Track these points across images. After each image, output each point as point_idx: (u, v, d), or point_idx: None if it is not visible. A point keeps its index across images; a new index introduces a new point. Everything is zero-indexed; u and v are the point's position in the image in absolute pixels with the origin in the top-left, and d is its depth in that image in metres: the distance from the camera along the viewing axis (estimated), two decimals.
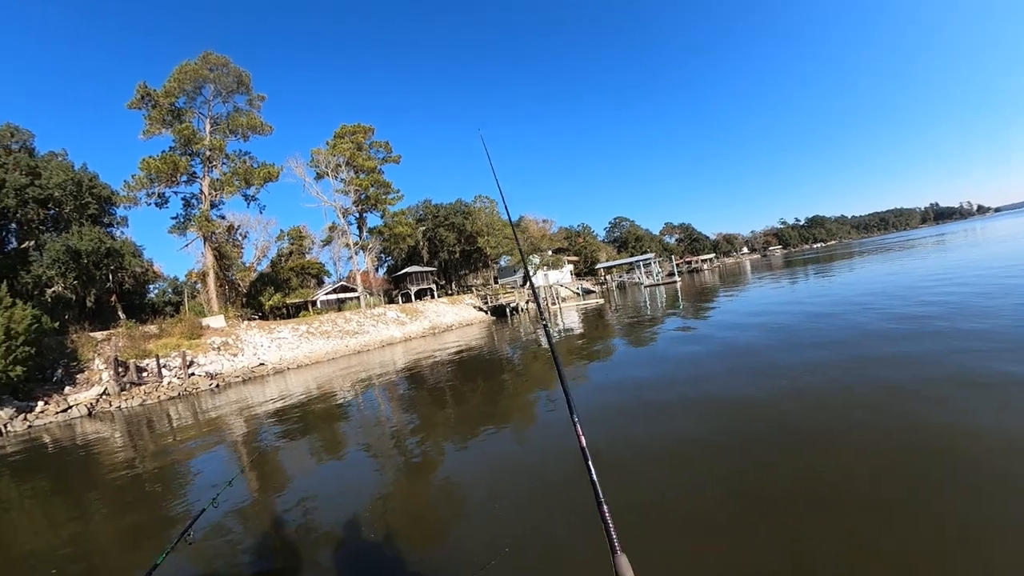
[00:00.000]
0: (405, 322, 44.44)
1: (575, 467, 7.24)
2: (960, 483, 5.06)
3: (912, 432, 6.32)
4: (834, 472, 5.74)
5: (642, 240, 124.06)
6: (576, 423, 2.15)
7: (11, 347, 20.95)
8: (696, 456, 6.85)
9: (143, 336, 29.31)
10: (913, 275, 23.85)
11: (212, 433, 15.09)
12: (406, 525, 6.40)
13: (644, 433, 8.15)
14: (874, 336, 11.87)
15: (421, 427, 11.73)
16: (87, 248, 30.98)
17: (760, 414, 7.96)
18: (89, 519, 8.64)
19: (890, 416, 6.92)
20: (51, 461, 14.34)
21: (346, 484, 8.38)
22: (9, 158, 32.23)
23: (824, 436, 6.73)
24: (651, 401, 9.95)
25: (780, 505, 5.22)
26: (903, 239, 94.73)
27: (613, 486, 6.13)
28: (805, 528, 4.74)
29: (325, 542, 6.18)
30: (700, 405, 9.12)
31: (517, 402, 12.73)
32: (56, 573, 6.42)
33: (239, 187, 42.94)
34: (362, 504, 7.19)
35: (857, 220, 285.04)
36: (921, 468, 5.50)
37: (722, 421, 8.00)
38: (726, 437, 7.31)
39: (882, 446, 6.13)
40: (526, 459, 8.16)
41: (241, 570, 5.91)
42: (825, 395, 8.32)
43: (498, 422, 10.73)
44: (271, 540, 6.54)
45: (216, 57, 41.94)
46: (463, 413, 12.46)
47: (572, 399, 2.28)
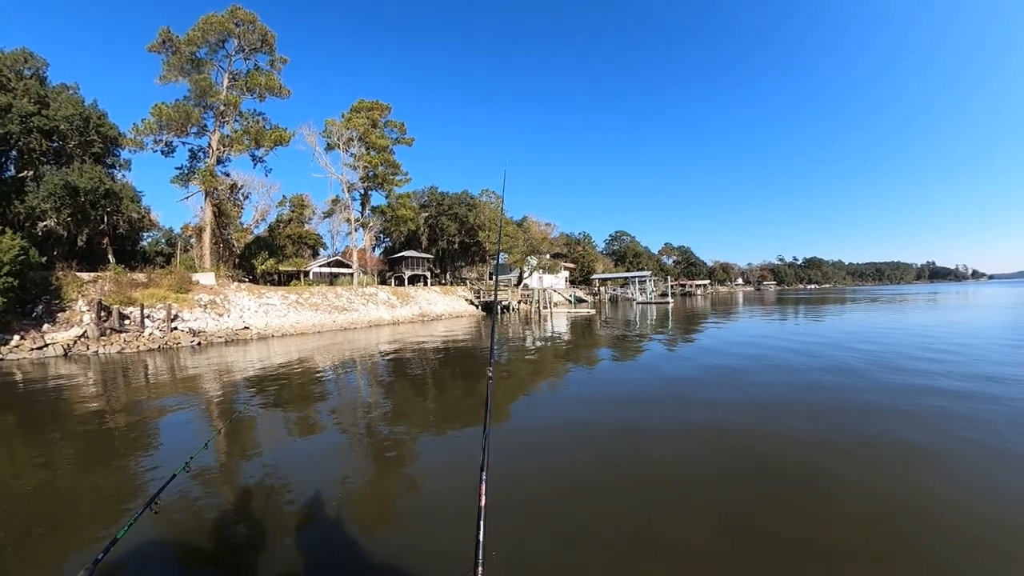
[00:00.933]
0: (395, 305, 44.15)
1: (548, 472, 7.28)
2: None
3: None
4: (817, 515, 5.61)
5: (640, 257, 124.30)
6: (483, 480, 2.14)
7: None
8: (680, 484, 6.70)
9: (130, 283, 28.84)
10: (901, 331, 23.84)
11: (188, 391, 14.73)
12: (369, 510, 6.39)
13: (624, 455, 7.96)
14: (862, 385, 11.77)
15: (398, 414, 11.49)
16: (86, 186, 30.44)
17: (750, 447, 7.81)
18: (50, 465, 8.34)
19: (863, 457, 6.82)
20: (20, 398, 14.00)
21: (316, 460, 8.26)
22: (19, 83, 31.55)
23: (808, 478, 6.60)
24: (630, 421, 9.73)
25: (767, 544, 5.09)
26: (897, 292, 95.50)
27: (594, 511, 6.03)
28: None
29: (292, 516, 6.09)
30: (683, 430, 9.02)
31: (497, 400, 12.51)
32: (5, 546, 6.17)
33: (248, 146, 42.43)
34: (330, 482, 7.11)
35: (854, 267, 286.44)
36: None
37: (708, 450, 7.87)
38: (712, 467, 7.17)
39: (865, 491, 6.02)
40: (503, 462, 7.95)
41: (204, 540, 5.72)
42: (810, 436, 8.20)
43: (476, 419, 10.50)
44: (236, 512, 6.35)
45: (244, 12, 41.42)
46: (442, 406, 12.27)
47: (488, 451, 2.26)
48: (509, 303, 52.62)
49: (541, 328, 33.57)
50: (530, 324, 37.53)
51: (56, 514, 6.62)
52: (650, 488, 6.62)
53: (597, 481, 6.94)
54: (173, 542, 5.71)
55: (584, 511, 6.08)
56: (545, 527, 5.76)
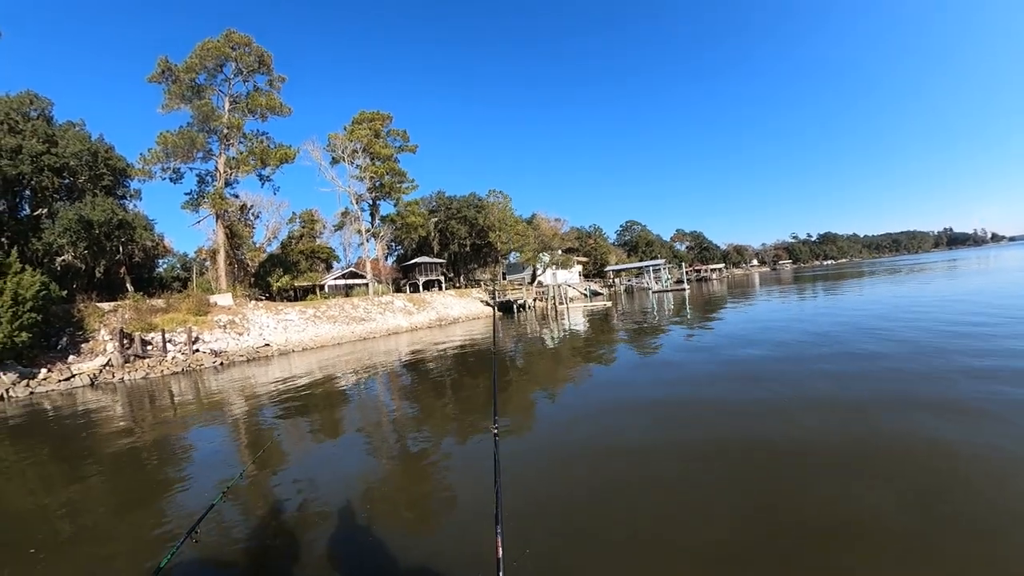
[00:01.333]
0: (412, 312, 44.28)
1: (572, 473, 7.18)
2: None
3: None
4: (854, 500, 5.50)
5: (652, 245, 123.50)
6: (499, 534, 2.13)
7: (18, 312, 20.90)
8: (704, 479, 6.55)
9: (150, 310, 29.24)
10: (925, 301, 23.47)
11: (214, 413, 14.91)
12: (406, 521, 6.39)
13: (649, 447, 7.89)
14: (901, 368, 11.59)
15: (421, 419, 11.61)
16: (99, 218, 30.89)
17: (775, 440, 7.63)
18: (88, 500, 8.42)
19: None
20: (52, 430, 14.15)
21: (348, 475, 8.26)
22: (27, 125, 32.17)
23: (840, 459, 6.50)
24: (652, 413, 9.65)
25: (800, 535, 4.98)
26: (915, 262, 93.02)
27: (620, 511, 5.95)
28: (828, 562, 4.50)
29: (327, 534, 6.12)
30: (707, 424, 8.76)
31: (519, 401, 12.50)
32: (34, 552, 6.30)
33: (255, 167, 42.82)
34: (363, 496, 7.15)
35: (869, 239, 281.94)
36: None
37: (734, 445, 7.63)
38: (738, 460, 7.00)
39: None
40: (524, 459, 7.98)
41: (247, 567, 5.79)
42: (839, 423, 8.04)
43: (502, 423, 10.51)
44: (275, 533, 6.41)
45: (239, 36, 41.78)
46: (464, 409, 12.26)
47: (501, 507, 2.25)
48: (524, 301, 52.48)
49: (558, 324, 33.43)
50: (547, 321, 37.46)
51: (100, 547, 6.67)
52: (677, 485, 6.45)
53: (622, 480, 6.84)
54: (214, 568, 5.78)
55: (611, 511, 6.00)
56: (571, 528, 5.73)
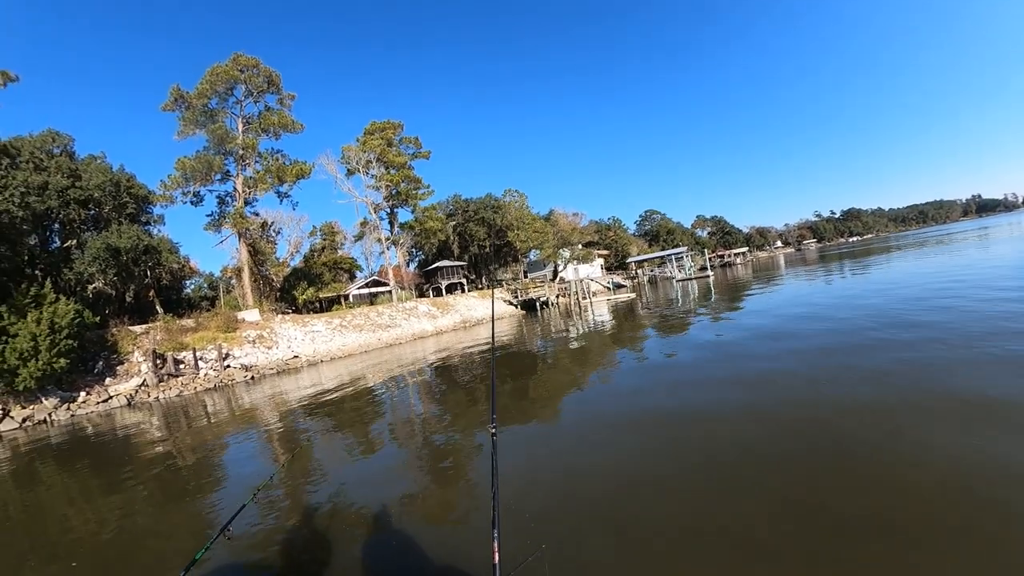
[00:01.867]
0: (436, 316, 44.49)
1: (604, 471, 7.08)
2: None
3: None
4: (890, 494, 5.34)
5: (673, 233, 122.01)
6: (496, 537, 2.11)
7: (55, 340, 21.52)
8: (741, 472, 6.34)
9: (180, 330, 29.84)
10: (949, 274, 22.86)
11: (248, 425, 15.24)
12: (437, 521, 6.41)
13: (680, 441, 7.75)
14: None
15: (450, 421, 11.68)
16: (126, 245, 31.63)
17: (812, 425, 7.36)
18: (129, 508, 8.73)
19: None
20: (93, 449, 14.59)
21: (377, 477, 8.40)
22: (51, 162, 33.12)
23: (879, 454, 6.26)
24: (683, 407, 9.45)
25: (838, 529, 4.78)
26: (943, 233, 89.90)
27: (652, 503, 5.89)
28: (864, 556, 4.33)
29: (356, 535, 6.25)
30: (739, 414, 8.44)
31: (547, 399, 12.51)
32: (76, 566, 6.53)
33: (272, 184, 43.45)
34: (392, 498, 7.22)
35: (894, 213, 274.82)
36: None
37: (769, 433, 7.39)
38: (773, 450, 6.77)
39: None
40: (555, 458, 7.98)
41: (277, 563, 5.96)
42: (884, 410, 7.74)
43: (527, 419, 10.57)
44: (305, 533, 6.58)
45: (246, 58, 42.47)
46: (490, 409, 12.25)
47: (498, 509, 2.23)
48: (547, 298, 52.35)
49: (582, 319, 33.27)
50: (571, 316, 37.23)
51: (138, 546, 7.02)
52: (709, 475, 6.34)
53: (652, 472, 6.80)
54: (246, 564, 5.96)
55: (641, 502, 5.96)
56: (598, 519, 5.72)
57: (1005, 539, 4.16)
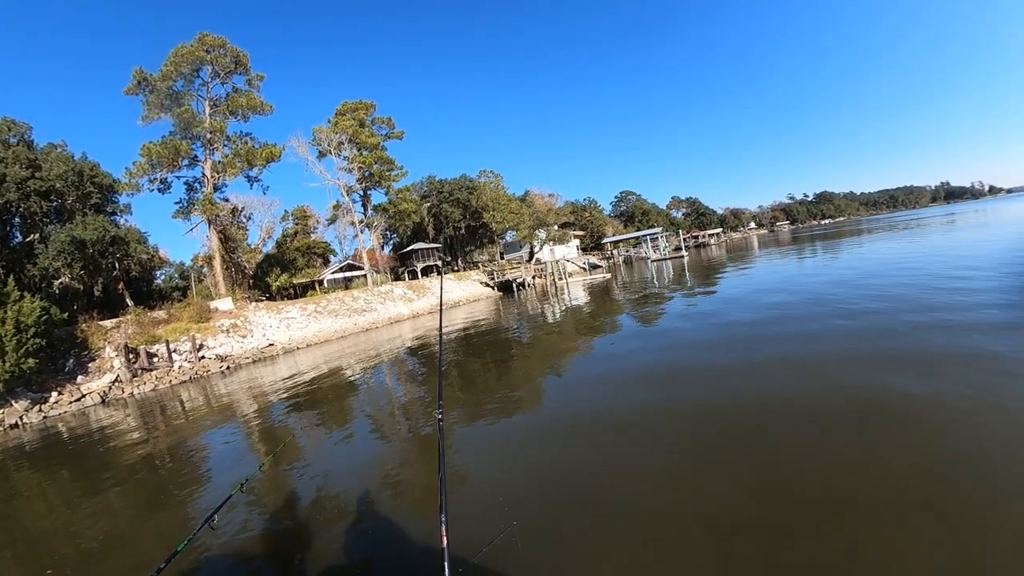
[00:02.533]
0: (412, 299, 44.40)
1: (579, 454, 7.30)
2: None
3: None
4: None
5: (649, 214, 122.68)
6: (443, 522, 2.14)
7: (22, 340, 20.94)
8: (716, 449, 6.60)
9: (152, 322, 29.33)
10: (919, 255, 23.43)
11: (226, 416, 15.19)
12: (416, 501, 6.61)
13: (655, 424, 7.88)
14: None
15: (429, 404, 11.77)
16: (92, 237, 30.76)
17: (777, 406, 7.65)
18: (109, 507, 8.73)
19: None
20: (69, 451, 14.33)
21: (358, 464, 8.50)
22: (8, 152, 31.87)
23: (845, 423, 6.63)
24: (656, 391, 9.63)
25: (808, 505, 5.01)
26: (912, 218, 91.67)
27: (628, 485, 6.06)
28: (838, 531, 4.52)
29: (339, 522, 6.36)
30: (711, 397, 8.67)
31: (524, 380, 12.69)
32: (52, 574, 6.52)
33: (241, 168, 42.48)
34: (374, 482, 7.39)
35: (866, 197, 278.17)
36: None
37: (737, 413, 7.66)
38: (741, 430, 7.02)
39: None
40: (529, 443, 8.13)
41: (261, 553, 6.07)
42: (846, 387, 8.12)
43: (505, 401, 10.72)
44: (290, 523, 6.70)
45: (212, 38, 41.16)
46: (471, 390, 12.43)
47: (445, 496, 2.25)
48: (524, 279, 52.53)
49: (559, 300, 33.52)
50: (547, 297, 37.49)
51: (120, 546, 7.06)
52: (681, 457, 6.50)
53: (626, 453, 6.96)
54: (233, 555, 6.05)
55: (614, 482, 6.13)
56: (572, 498, 5.89)
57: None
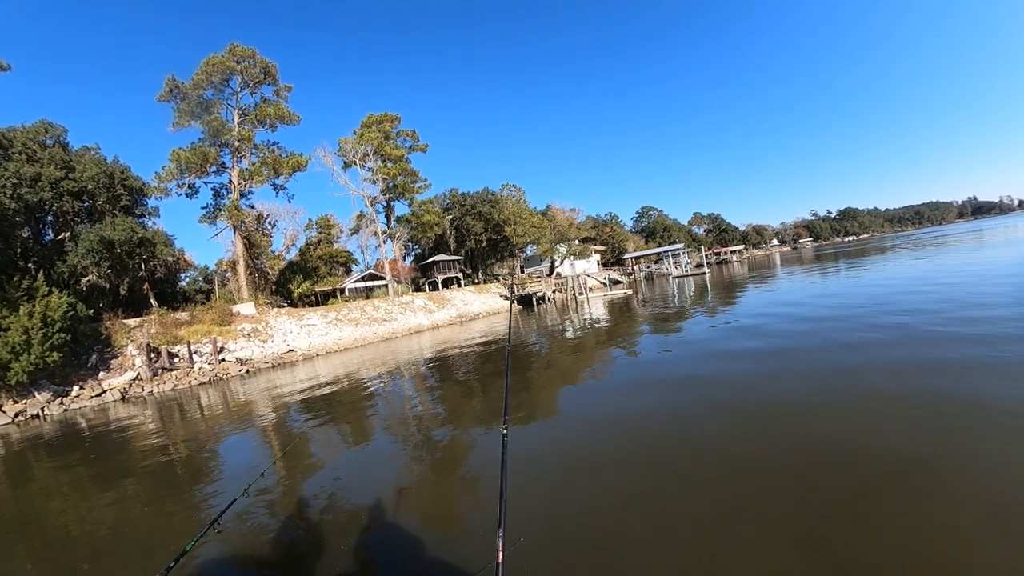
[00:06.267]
0: (433, 310, 44.39)
1: (598, 466, 7.03)
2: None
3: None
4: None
5: (670, 230, 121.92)
6: (500, 537, 2.04)
7: (47, 334, 21.29)
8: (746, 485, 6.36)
9: (175, 323, 29.65)
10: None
11: (242, 418, 15.16)
12: (427, 513, 6.43)
13: (672, 450, 7.36)
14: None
15: (447, 417, 11.63)
16: (120, 238, 31.32)
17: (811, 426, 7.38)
18: (122, 502, 8.66)
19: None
20: (86, 444, 14.40)
21: (372, 472, 8.35)
22: (44, 153, 32.77)
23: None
24: (674, 409, 9.19)
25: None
26: (938, 234, 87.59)
27: (641, 520, 5.69)
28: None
29: (349, 529, 6.21)
30: (732, 416, 8.20)
31: (543, 395, 12.46)
32: (87, 569, 6.44)
33: (268, 176, 43.07)
34: (386, 492, 7.17)
35: (891, 213, 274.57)
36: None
37: (762, 439, 7.13)
38: (767, 456, 6.59)
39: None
40: (549, 454, 7.88)
41: (268, 557, 5.93)
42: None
43: (523, 415, 10.46)
44: (297, 527, 6.57)
45: (242, 49, 41.98)
46: (488, 404, 12.19)
47: (505, 510, 2.18)
48: (544, 293, 52.33)
49: (579, 315, 33.10)
50: (567, 312, 37.13)
51: (131, 539, 7.02)
52: (709, 491, 5.80)
53: (642, 472, 6.67)
54: (237, 557, 5.94)
55: (629, 500, 5.89)
56: (584, 517, 5.69)
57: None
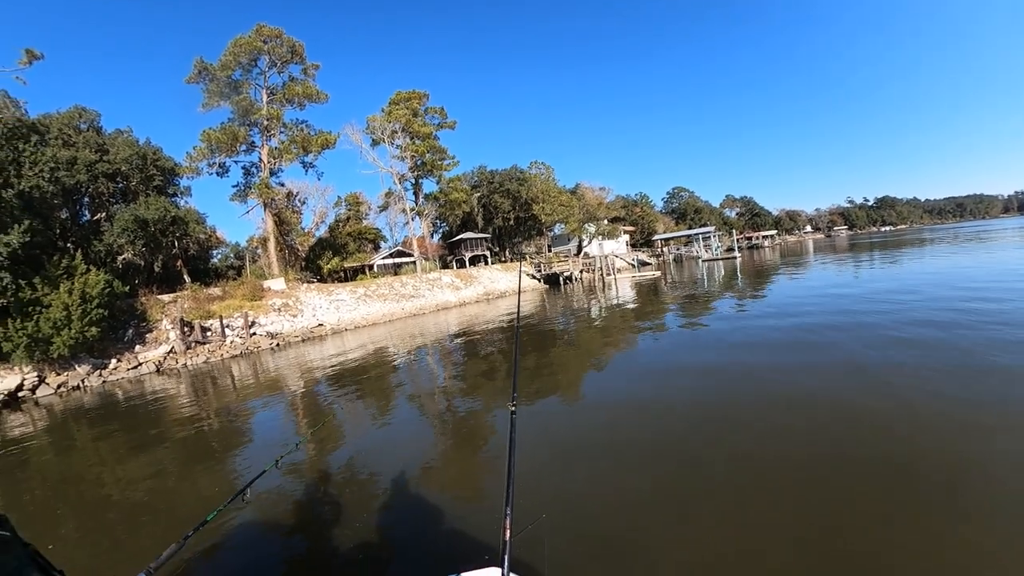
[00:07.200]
0: (460, 287, 44.52)
1: (617, 445, 6.96)
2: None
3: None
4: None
5: (701, 212, 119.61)
6: (508, 515, 2.09)
7: (86, 310, 21.93)
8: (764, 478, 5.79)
9: (207, 298, 30.21)
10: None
11: (272, 390, 15.42)
12: (448, 488, 6.46)
13: (695, 437, 7.11)
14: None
15: (471, 392, 11.68)
16: (153, 217, 31.97)
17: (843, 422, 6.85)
18: (156, 469, 8.96)
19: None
20: (124, 414, 14.83)
21: (394, 447, 8.41)
22: (79, 137, 33.57)
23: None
24: (696, 394, 8.97)
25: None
26: (980, 229, 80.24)
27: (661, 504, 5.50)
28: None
29: (374, 503, 6.26)
30: (758, 406, 7.96)
31: (566, 374, 12.39)
32: (122, 529, 6.75)
33: (297, 154, 43.32)
34: (408, 468, 7.22)
35: (931, 204, 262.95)
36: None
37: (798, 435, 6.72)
38: (790, 444, 6.39)
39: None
40: (570, 432, 7.88)
41: (292, 526, 6.06)
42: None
43: (546, 393, 10.45)
44: (322, 500, 6.70)
45: (269, 29, 41.97)
46: (512, 383, 12.11)
47: (513, 486, 2.23)
48: (571, 273, 51.95)
49: (605, 296, 32.72)
50: (594, 293, 36.70)
51: (164, 504, 7.28)
52: (734, 488, 5.55)
53: (662, 455, 6.61)
54: (263, 527, 6.07)
55: (649, 481, 5.83)
56: (606, 496, 5.66)
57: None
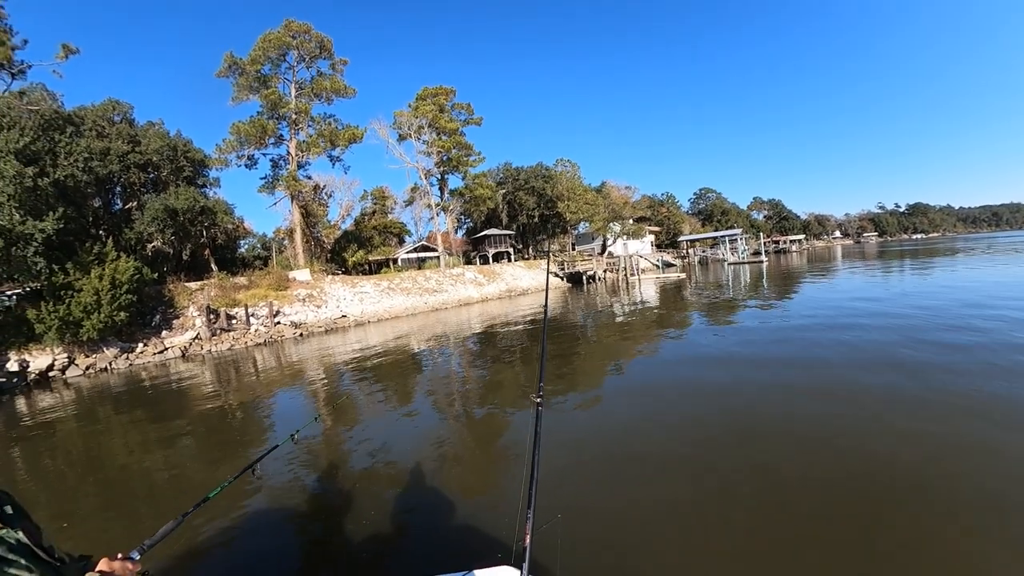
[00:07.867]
0: (483, 283, 44.49)
1: (634, 445, 6.71)
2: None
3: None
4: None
5: (728, 214, 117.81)
6: (529, 519, 2.10)
7: (116, 295, 22.44)
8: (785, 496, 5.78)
9: (233, 287, 30.61)
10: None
11: (295, 378, 15.54)
12: (462, 479, 6.45)
13: (718, 454, 6.50)
14: None
15: (489, 388, 11.59)
16: (183, 207, 32.53)
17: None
18: (178, 448, 9.17)
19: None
20: (149, 396, 15.09)
21: (414, 437, 8.36)
22: (112, 129, 34.29)
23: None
24: (715, 402, 8.63)
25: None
26: (1018, 240, 73.84)
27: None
28: None
29: (386, 493, 6.21)
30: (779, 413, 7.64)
31: (586, 374, 12.21)
32: (143, 503, 6.89)
33: (324, 148, 43.73)
34: (426, 459, 7.14)
35: (965, 212, 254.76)
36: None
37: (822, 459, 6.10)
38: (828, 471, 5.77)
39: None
40: (590, 435, 7.65)
41: (302, 508, 6.11)
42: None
43: (565, 392, 10.26)
44: (336, 487, 6.73)
45: (298, 24, 42.46)
46: (531, 380, 11.85)
47: (536, 485, 2.25)
48: (595, 272, 51.52)
49: (629, 297, 32.19)
50: (617, 293, 36.23)
51: (184, 482, 7.47)
52: (758, 510, 5.12)
53: (678, 460, 6.43)
54: (276, 512, 6.09)
55: (667, 487, 5.68)
56: (622, 498, 5.55)
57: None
